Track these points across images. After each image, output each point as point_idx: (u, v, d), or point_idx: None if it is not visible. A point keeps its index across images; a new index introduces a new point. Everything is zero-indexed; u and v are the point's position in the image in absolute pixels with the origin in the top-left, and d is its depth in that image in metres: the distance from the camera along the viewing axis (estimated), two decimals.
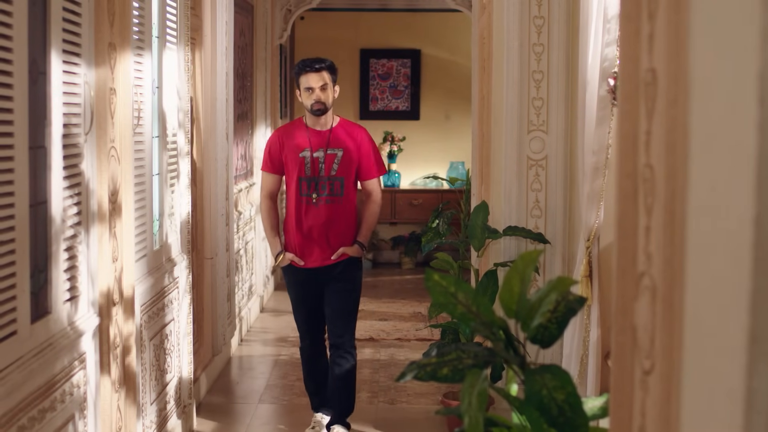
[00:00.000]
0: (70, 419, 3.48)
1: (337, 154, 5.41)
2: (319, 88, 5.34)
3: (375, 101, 11.98)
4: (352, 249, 5.46)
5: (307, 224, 5.38)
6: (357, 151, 5.47)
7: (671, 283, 1.44)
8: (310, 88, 5.35)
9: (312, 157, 5.38)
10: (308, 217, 5.37)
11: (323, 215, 5.37)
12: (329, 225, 5.39)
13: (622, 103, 1.68)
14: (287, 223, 5.51)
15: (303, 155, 5.38)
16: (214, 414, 6.10)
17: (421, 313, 9.04)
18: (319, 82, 5.34)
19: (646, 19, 1.55)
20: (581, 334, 4.48)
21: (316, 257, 5.43)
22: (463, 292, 2.40)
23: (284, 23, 10.03)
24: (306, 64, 5.39)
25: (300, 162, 5.38)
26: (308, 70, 5.36)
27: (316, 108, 5.35)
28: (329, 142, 5.42)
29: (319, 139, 5.41)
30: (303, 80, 5.38)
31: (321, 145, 5.40)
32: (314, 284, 5.50)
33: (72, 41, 3.53)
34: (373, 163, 5.54)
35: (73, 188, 3.57)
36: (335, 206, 5.40)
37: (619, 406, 1.71)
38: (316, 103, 5.35)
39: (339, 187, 5.41)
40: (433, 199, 11.22)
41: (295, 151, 5.40)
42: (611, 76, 4.10)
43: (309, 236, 5.39)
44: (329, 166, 5.38)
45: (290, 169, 5.43)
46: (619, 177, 1.68)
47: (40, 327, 3.25)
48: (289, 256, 5.44)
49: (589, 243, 4.36)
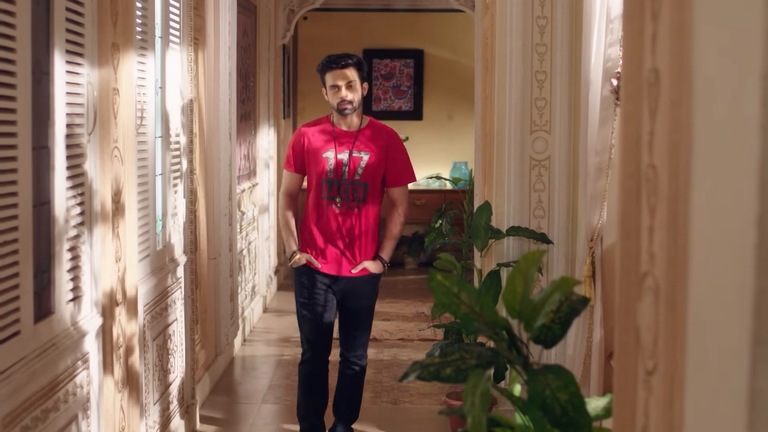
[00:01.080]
0: (73, 419, 3.48)
1: (363, 157, 5.08)
2: (345, 86, 5.04)
3: (378, 101, 11.98)
4: (374, 265, 5.15)
5: (327, 228, 5.10)
6: (385, 155, 5.12)
7: (674, 284, 1.44)
8: (336, 86, 5.05)
9: (336, 159, 5.08)
10: (329, 221, 5.09)
11: (344, 221, 5.08)
12: (350, 233, 5.09)
13: (625, 104, 1.68)
14: (306, 223, 5.22)
15: (326, 155, 5.09)
16: (217, 414, 6.10)
17: (424, 313, 9.04)
18: (346, 80, 5.05)
19: (650, 20, 1.55)
20: (584, 334, 4.48)
21: (334, 264, 5.13)
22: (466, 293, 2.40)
23: (287, 23, 10.03)
24: (331, 60, 5.09)
25: (323, 163, 5.09)
26: (334, 66, 5.06)
27: (342, 107, 5.05)
28: (356, 144, 5.11)
29: (345, 140, 5.12)
30: (328, 77, 5.08)
31: (347, 146, 5.10)
32: (327, 291, 5.17)
33: (75, 41, 3.53)
34: (401, 169, 5.20)
35: (77, 188, 3.57)
36: (357, 213, 5.08)
37: (622, 407, 1.71)
38: (343, 102, 5.05)
39: (362, 193, 5.08)
40: (436, 200, 11.22)
41: (319, 151, 5.11)
42: (614, 76, 4.10)
43: (328, 240, 5.11)
44: (353, 170, 5.07)
45: (312, 169, 5.14)
46: (622, 177, 1.68)
47: (44, 327, 3.25)
48: (305, 256, 5.12)
49: (592, 243, 4.36)
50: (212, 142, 6.56)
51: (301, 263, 5.15)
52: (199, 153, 6.31)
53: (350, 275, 5.12)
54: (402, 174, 5.20)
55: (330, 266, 5.12)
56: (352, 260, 5.12)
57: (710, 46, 1.32)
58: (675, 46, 1.43)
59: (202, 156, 6.43)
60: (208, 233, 6.57)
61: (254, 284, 8.90)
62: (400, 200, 5.24)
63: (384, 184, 5.19)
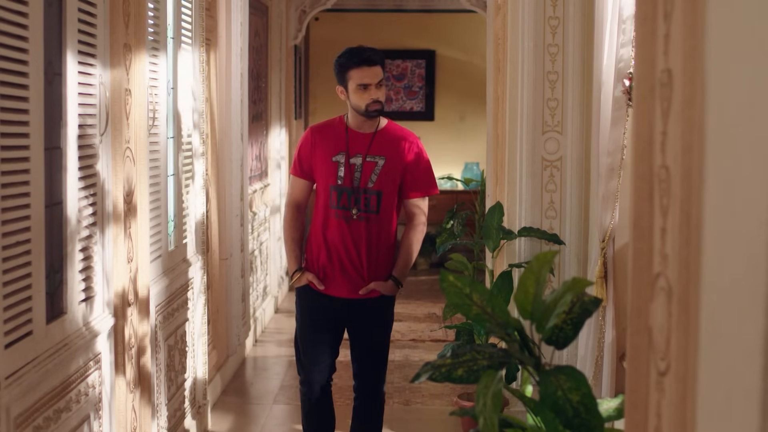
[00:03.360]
0: (85, 419, 3.49)
1: (378, 162, 4.44)
2: (375, 86, 4.40)
3: (390, 102, 11.97)
4: (385, 286, 4.52)
5: (335, 243, 4.46)
6: (403, 162, 4.49)
7: (687, 285, 1.43)
8: (366, 85, 4.38)
9: (347, 163, 4.45)
10: (337, 234, 4.45)
11: (354, 235, 4.44)
12: (360, 249, 4.45)
13: (637, 104, 1.67)
14: (312, 238, 4.58)
15: (336, 159, 4.46)
16: (229, 414, 6.11)
17: (436, 314, 9.04)
18: (376, 78, 4.40)
19: (662, 20, 1.55)
20: (596, 335, 4.47)
21: (342, 285, 4.49)
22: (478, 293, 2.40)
23: (299, 24, 10.04)
24: (359, 56, 4.41)
25: (332, 167, 4.46)
26: (363, 63, 4.39)
27: (373, 109, 4.40)
28: (371, 148, 4.46)
29: (359, 143, 4.48)
30: (355, 75, 4.39)
31: (360, 150, 4.46)
32: (333, 315, 4.55)
33: (87, 42, 3.54)
34: (421, 178, 4.56)
35: (89, 189, 3.58)
36: (369, 226, 4.44)
37: (635, 408, 1.71)
38: (374, 103, 4.40)
39: (375, 203, 4.44)
40: (448, 200, 11.20)
41: (328, 154, 4.48)
42: (626, 76, 4.09)
43: (336, 258, 4.47)
44: (366, 176, 4.43)
45: (320, 175, 4.51)
46: (635, 178, 1.68)
47: (56, 327, 3.26)
48: (309, 277, 4.49)
49: (604, 244, 4.36)
50: (224, 143, 6.57)
51: (302, 283, 4.55)
52: (211, 154, 6.32)
53: (356, 297, 4.50)
54: (422, 183, 4.58)
55: (336, 287, 4.51)
56: (361, 281, 4.49)
57: (723, 46, 1.32)
58: (688, 46, 1.43)
59: (214, 157, 6.44)
60: (219, 234, 6.58)
61: (266, 285, 8.91)
62: (419, 214, 4.60)
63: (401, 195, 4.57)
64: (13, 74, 2.85)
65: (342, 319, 4.57)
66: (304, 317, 4.59)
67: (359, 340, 4.59)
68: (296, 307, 4.66)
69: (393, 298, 4.65)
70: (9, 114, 2.83)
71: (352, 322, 4.59)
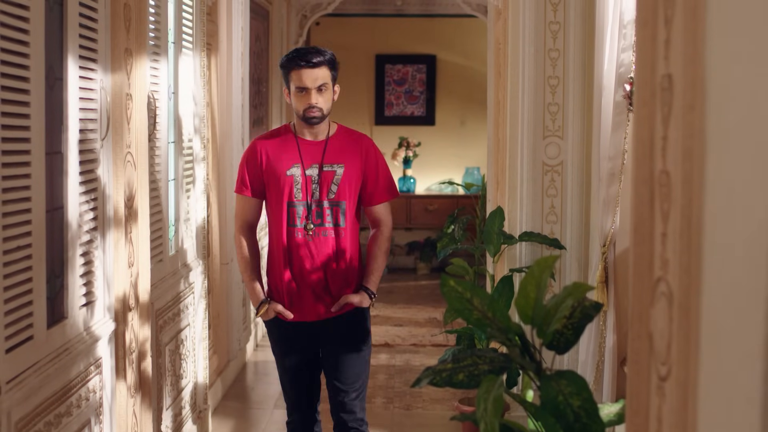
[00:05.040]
0: (86, 424, 3.49)
1: (336, 171, 4.15)
2: (315, 89, 4.05)
3: (390, 107, 11.97)
4: (357, 297, 4.19)
5: (299, 265, 4.14)
6: (362, 168, 4.21)
7: (688, 289, 1.43)
8: (304, 89, 4.05)
9: (303, 176, 4.12)
10: (300, 255, 4.13)
11: (320, 252, 4.13)
12: (328, 265, 4.15)
13: (638, 109, 1.67)
14: (271, 263, 4.25)
15: (291, 173, 4.13)
16: (230, 419, 6.11)
17: (437, 318, 9.04)
18: (316, 82, 4.05)
19: (663, 25, 1.55)
20: (597, 340, 4.46)
21: (311, 309, 4.18)
22: (478, 298, 2.40)
23: (300, 29, 10.05)
24: (299, 56, 4.07)
25: (288, 182, 4.12)
26: (302, 64, 4.04)
27: (310, 115, 4.07)
28: (326, 156, 4.16)
29: (312, 152, 4.15)
30: (294, 77, 4.07)
31: (315, 160, 4.14)
32: (308, 343, 4.27)
33: (88, 47, 3.54)
34: (383, 183, 4.28)
35: (90, 194, 3.58)
36: (335, 240, 4.16)
37: (636, 413, 1.71)
38: (311, 109, 4.07)
39: (339, 215, 4.15)
40: (449, 205, 11.20)
41: (281, 168, 4.13)
42: (627, 81, 4.09)
43: (301, 281, 4.15)
44: (326, 188, 4.14)
45: (274, 193, 4.15)
46: (635, 183, 1.68)
47: (57, 332, 3.26)
48: (277, 309, 4.16)
49: (605, 249, 4.35)
50: (225, 148, 6.57)
51: (270, 317, 4.22)
52: (212, 158, 6.32)
53: (331, 315, 4.19)
54: (384, 188, 4.28)
55: (307, 312, 4.20)
56: (330, 298, 4.19)
57: (723, 51, 1.32)
58: (688, 51, 1.43)
59: (215, 161, 6.44)
60: (220, 238, 6.58)
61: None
62: (384, 220, 4.32)
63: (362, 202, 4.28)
64: (15, 79, 2.86)
65: (317, 343, 4.29)
66: (280, 350, 4.32)
67: (335, 362, 4.27)
68: (269, 341, 4.40)
69: (367, 310, 4.31)
70: (10, 119, 2.83)
71: (327, 342, 4.27)
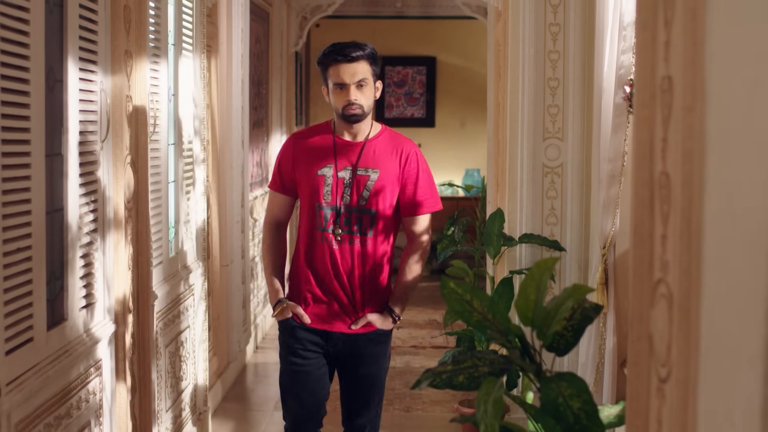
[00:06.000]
0: (86, 426, 3.49)
1: (371, 176, 3.87)
2: (355, 85, 3.82)
3: (390, 108, 11.98)
4: (381, 320, 3.94)
5: (323, 271, 3.92)
6: (400, 175, 3.93)
7: (688, 291, 1.43)
8: (343, 85, 3.83)
9: (335, 177, 3.87)
10: (324, 261, 3.91)
11: (344, 261, 3.89)
12: (353, 276, 3.90)
13: (638, 111, 1.67)
14: (296, 264, 4.03)
15: (323, 173, 3.88)
16: (230, 421, 6.11)
17: (437, 320, 9.04)
18: (356, 77, 3.82)
19: (663, 27, 1.55)
20: (597, 341, 4.46)
21: (331, 318, 3.95)
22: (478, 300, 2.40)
23: (300, 30, 10.05)
24: (337, 52, 3.84)
25: (318, 182, 3.88)
26: (340, 59, 3.81)
27: (350, 112, 3.84)
28: (361, 159, 3.89)
29: (348, 153, 3.90)
30: (332, 73, 3.85)
31: (350, 162, 3.89)
32: (322, 353, 4.00)
33: (88, 49, 3.54)
34: (423, 193, 3.97)
35: (90, 195, 3.58)
36: (361, 250, 3.90)
37: (636, 415, 1.71)
38: (351, 106, 3.83)
39: (368, 224, 3.88)
40: (449, 207, 11.18)
41: (313, 166, 3.90)
42: (627, 83, 4.09)
43: (324, 287, 3.94)
44: (357, 192, 3.87)
45: (304, 192, 3.94)
46: (635, 184, 1.68)
47: (57, 334, 3.26)
48: (296, 310, 3.96)
49: (605, 250, 4.35)
50: (225, 150, 6.58)
51: (285, 316, 4.00)
52: (212, 160, 6.32)
53: (349, 332, 3.95)
54: (424, 199, 3.99)
55: (325, 321, 3.96)
56: (353, 312, 3.95)
57: (723, 53, 1.32)
58: (688, 53, 1.43)
59: (215, 163, 6.44)
60: (220, 240, 6.58)
61: (266, 291, 8.90)
62: (421, 234, 4.02)
63: (398, 213, 4.00)
64: (14, 81, 2.86)
65: (332, 356, 4.02)
66: (289, 355, 4.04)
67: (351, 381, 4.04)
68: (279, 342, 4.13)
69: (390, 332, 4.06)
70: (10, 121, 2.83)
71: (343, 361, 4.03)
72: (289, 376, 4.05)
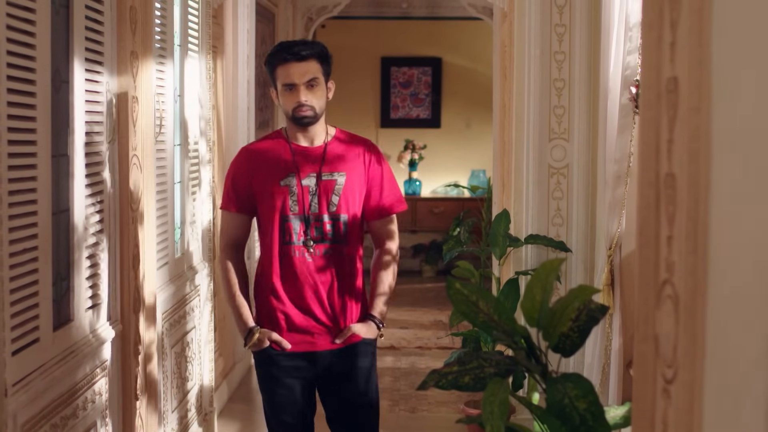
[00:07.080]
0: (91, 426, 3.49)
1: (338, 179, 3.66)
2: (304, 85, 3.58)
3: (396, 109, 11.97)
4: (365, 328, 3.69)
5: (297, 286, 3.63)
6: (366, 177, 3.73)
7: (693, 292, 1.43)
8: (292, 85, 3.59)
9: (300, 186, 3.63)
10: (298, 275, 3.63)
11: (320, 273, 3.64)
12: (331, 288, 3.65)
13: (643, 111, 1.67)
14: (262, 286, 3.72)
15: (286, 183, 3.63)
16: (235, 422, 6.11)
17: (442, 321, 9.03)
18: (305, 76, 3.58)
19: (669, 27, 1.55)
20: (603, 342, 4.46)
21: (312, 337, 3.67)
22: (484, 301, 2.40)
23: (305, 31, 10.05)
24: (285, 50, 3.61)
25: (282, 194, 3.62)
26: (288, 58, 3.58)
27: (300, 114, 3.60)
28: (324, 163, 3.66)
29: (309, 159, 3.66)
30: (281, 73, 3.61)
31: (312, 168, 3.65)
32: (305, 378, 3.70)
33: (95, 50, 3.55)
34: (389, 195, 3.79)
35: (96, 196, 3.58)
36: (337, 260, 3.66)
37: (641, 415, 1.71)
38: (301, 108, 3.59)
39: (341, 230, 3.66)
40: (454, 207, 11.20)
41: (274, 178, 3.64)
42: (633, 84, 4.09)
43: (300, 305, 3.65)
44: (326, 199, 3.64)
45: (266, 206, 3.66)
46: (641, 185, 1.68)
47: (63, 334, 3.26)
48: (273, 337, 3.64)
49: (611, 251, 4.35)
50: (230, 150, 6.57)
51: (263, 346, 3.66)
52: (218, 161, 6.33)
53: (334, 347, 3.68)
54: (392, 201, 3.80)
55: (304, 342, 3.67)
56: (334, 327, 3.68)
57: (729, 53, 1.32)
58: (694, 53, 1.43)
59: (221, 164, 6.45)
60: None
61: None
62: (392, 237, 3.83)
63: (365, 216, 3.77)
64: (21, 82, 2.86)
65: (314, 379, 3.73)
66: (274, 387, 3.72)
67: (339, 401, 3.76)
68: (258, 374, 3.78)
69: (375, 343, 3.81)
70: (16, 121, 2.83)
71: (329, 380, 3.74)
72: (277, 408, 3.74)
